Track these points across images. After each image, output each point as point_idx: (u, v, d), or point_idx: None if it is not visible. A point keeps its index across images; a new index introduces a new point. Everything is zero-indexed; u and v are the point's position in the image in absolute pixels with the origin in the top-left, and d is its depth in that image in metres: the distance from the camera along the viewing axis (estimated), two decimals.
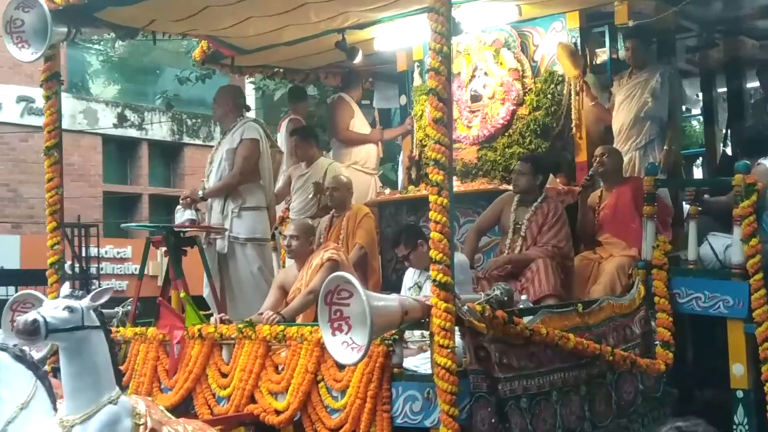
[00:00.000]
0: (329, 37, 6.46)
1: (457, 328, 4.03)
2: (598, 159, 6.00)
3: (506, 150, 6.69)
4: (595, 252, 5.91)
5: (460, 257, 5.60)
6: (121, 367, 4.95)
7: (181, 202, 6.23)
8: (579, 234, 6.05)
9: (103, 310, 3.98)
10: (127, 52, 17.43)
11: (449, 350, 3.90)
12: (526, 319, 4.48)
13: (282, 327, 4.69)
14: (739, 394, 5.07)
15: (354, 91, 8.00)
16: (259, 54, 7.15)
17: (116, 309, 5.64)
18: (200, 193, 6.30)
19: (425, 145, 6.96)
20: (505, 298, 4.42)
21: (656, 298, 5.32)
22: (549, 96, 6.62)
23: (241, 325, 4.85)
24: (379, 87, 8.53)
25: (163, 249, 6.10)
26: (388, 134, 8.19)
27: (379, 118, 8.68)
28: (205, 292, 6.16)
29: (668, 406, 5.21)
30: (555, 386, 4.51)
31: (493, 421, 4.10)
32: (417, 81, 7.41)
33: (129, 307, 5.67)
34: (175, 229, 5.88)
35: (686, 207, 5.99)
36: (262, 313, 5.17)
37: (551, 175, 6.15)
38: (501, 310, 4.26)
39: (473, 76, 7.00)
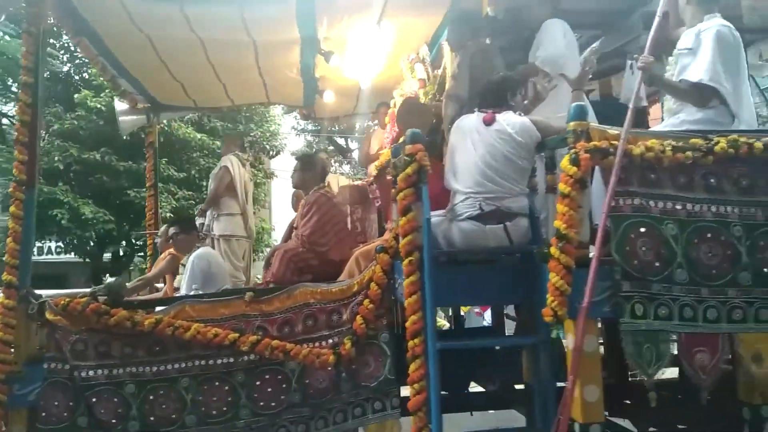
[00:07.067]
0: None
1: None
2: None
3: None
4: None
5: (200, 253, 5.97)
6: None
7: None
8: None
9: None
10: None
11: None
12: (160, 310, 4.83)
13: None
14: None
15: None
16: None
17: None
18: None
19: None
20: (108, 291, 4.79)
21: (372, 284, 5.10)
22: None
23: None
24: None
25: None
26: None
27: None
28: None
29: (391, 397, 5.00)
30: (187, 374, 4.76)
31: (71, 404, 4.57)
32: None
33: None
34: None
35: None
36: None
37: None
38: (100, 302, 4.69)
39: None
